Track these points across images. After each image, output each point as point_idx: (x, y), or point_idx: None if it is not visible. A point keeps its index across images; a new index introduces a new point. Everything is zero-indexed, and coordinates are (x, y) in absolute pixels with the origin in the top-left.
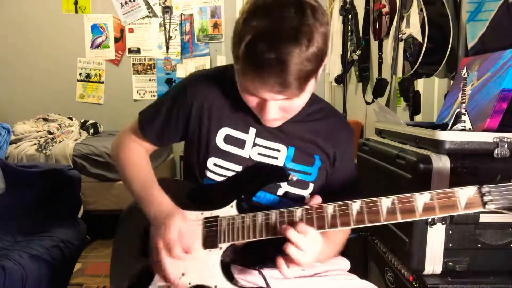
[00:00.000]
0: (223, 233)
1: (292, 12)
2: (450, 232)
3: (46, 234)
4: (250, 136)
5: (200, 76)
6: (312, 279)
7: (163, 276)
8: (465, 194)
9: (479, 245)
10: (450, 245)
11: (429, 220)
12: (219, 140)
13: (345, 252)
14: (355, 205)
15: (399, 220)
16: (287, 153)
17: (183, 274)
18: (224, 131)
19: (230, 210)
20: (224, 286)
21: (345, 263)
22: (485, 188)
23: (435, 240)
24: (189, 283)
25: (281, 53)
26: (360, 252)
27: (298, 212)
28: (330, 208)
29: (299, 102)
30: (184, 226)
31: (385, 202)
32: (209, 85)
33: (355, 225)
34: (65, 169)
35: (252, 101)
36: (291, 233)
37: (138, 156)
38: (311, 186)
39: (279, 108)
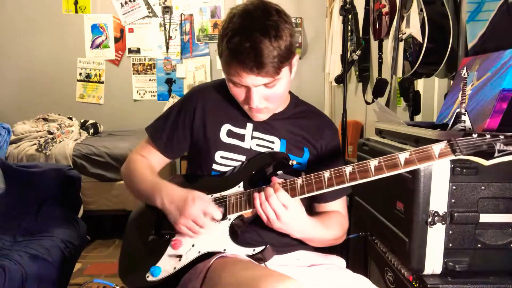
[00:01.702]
0: (232, 206)
1: (259, 13)
2: (450, 232)
3: (46, 234)
4: (248, 130)
5: (203, 85)
6: (309, 269)
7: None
8: (437, 147)
9: (479, 245)
10: (450, 245)
11: (429, 220)
12: (223, 135)
13: (344, 252)
14: (348, 168)
15: (386, 174)
16: (280, 145)
17: (192, 245)
18: (225, 127)
19: (238, 190)
20: (233, 248)
21: (341, 261)
22: (453, 141)
23: (435, 240)
24: (199, 252)
25: (254, 41)
26: (360, 252)
27: (299, 180)
28: (326, 173)
29: (278, 90)
30: (204, 196)
31: (373, 162)
32: (210, 92)
33: (348, 183)
34: (65, 169)
35: (239, 93)
36: (256, 200)
37: (146, 165)
38: (303, 175)
39: (262, 97)
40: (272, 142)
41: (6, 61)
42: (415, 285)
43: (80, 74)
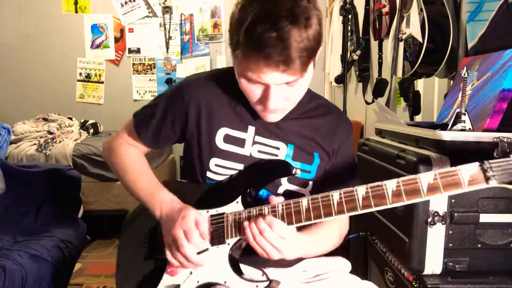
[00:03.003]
0: (230, 229)
1: None
2: (450, 232)
3: (46, 234)
4: (249, 134)
5: (196, 79)
6: (315, 283)
7: (181, 264)
8: (467, 171)
9: (479, 245)
10: (450, 245)
11: (429, 220)
12: (219, 141)
13: (345, 252)
14: (361, 191)
15: (405, 202)
16: (286, 151)
17: (190, 273)
18: (222, 131)
19: (235, 206)
20: (234, 281)
21: (346, 265)
22: (487, 164)
23: (435, 240)
24: (198, 281)
25: (282, 31)
26: (360, 252)
27: (304, 202)
28: (336, 196)
29: (301, 89)
30: (198, 216)
31: (390, 185)
32: (205, 87)
33: (361, 210)
34: (65, 169)
35: (253, 91)
36: (248, 231)
37: (136, 159)
38: (311, 184)
39: (282, 97)
40: (277, 148)
41: (6, 61)
42: (415, 285)
43: (80, 74)
